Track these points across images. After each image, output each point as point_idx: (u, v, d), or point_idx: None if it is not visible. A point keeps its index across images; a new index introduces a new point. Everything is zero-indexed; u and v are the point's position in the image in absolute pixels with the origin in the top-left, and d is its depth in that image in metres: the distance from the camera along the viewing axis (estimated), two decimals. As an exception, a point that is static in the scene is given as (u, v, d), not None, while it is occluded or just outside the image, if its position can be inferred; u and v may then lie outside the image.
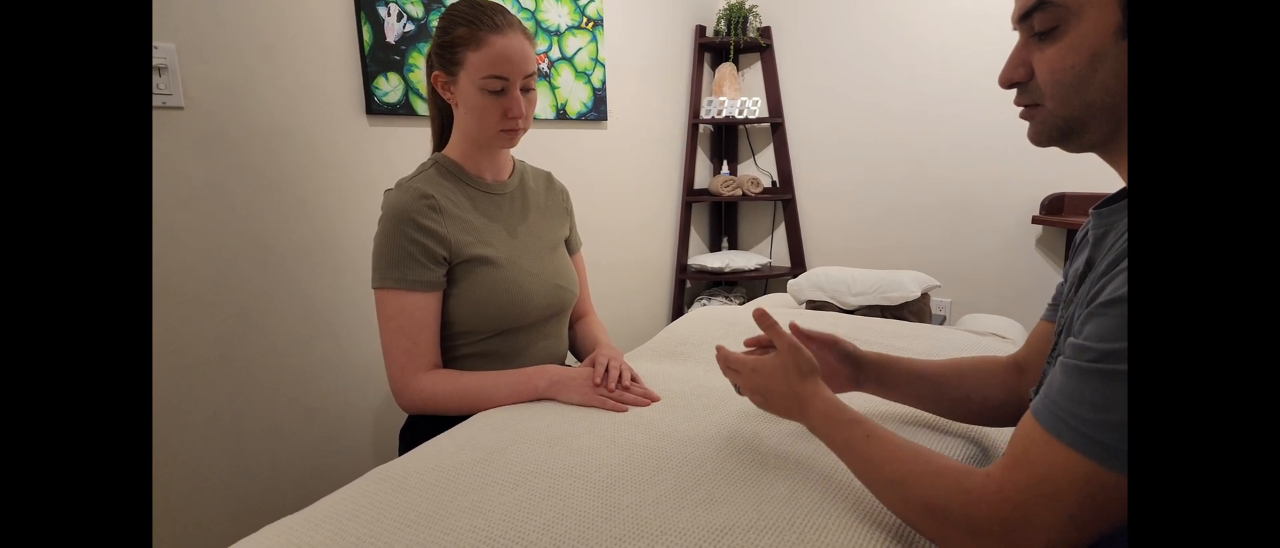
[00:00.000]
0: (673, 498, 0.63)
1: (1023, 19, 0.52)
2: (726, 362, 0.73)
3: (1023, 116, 0.56)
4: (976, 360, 0.76)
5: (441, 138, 1.04)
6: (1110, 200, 0.55)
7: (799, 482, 0.65)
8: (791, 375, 0.66)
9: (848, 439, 0.60)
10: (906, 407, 0.80)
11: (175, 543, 1.13)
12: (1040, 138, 0.54)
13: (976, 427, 0.78)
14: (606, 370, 0.90)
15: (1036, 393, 0.62)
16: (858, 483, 0.62)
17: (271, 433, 1.26)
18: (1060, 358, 0.48)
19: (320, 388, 1.33)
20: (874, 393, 0.77)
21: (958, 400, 0.74)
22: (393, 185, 0.96)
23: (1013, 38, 0.56)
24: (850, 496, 0.62)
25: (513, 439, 0.77)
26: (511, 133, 0.96)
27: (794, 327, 0.73)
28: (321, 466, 1.34)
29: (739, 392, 0.74)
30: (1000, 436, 0.79)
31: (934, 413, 0.76)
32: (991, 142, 2.08)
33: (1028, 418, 0.49)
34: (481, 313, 0.96)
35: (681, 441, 0.75)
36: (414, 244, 0.91)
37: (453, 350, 0.98)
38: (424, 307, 0.92)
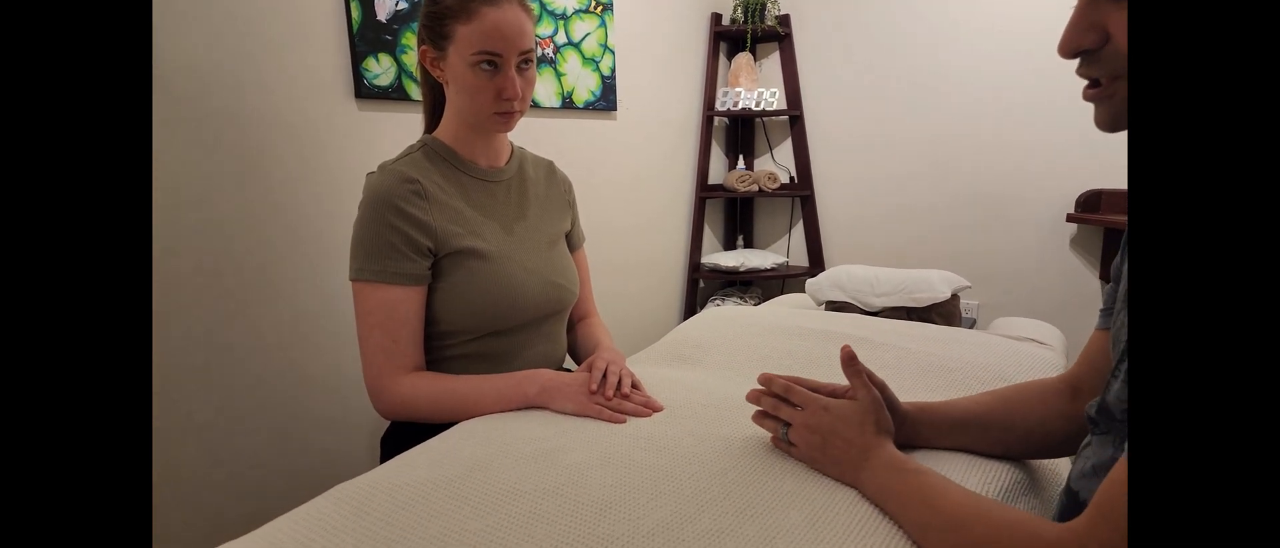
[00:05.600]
0: (671, 528, 0.54)
1: None
2: (786, 392, 0.66)
3: (1090, 97, 0.45)
4: (1024, 389, 0.67)
5: (433, 119, 0.96)
6: None
7: (818, 512, 0.56)
8: (867, 425, 0.60)
9: (910, 489, 0.53)
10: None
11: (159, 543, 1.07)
12: (1118, 122, 0.44)
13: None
14: (604, 377, 0.82)
15: (1098, 410, 0.53)
16: (888, 523, 0.54)
17: (256, 433, 1.19)
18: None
19: (306, 389, 1.26)
20: (913, 443, 0.67)
21: (1013, 440, 0.65)
22: (375, 168, 0.89)
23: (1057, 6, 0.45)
24: (878, 529, 0.53)
25: (495, 454, 0.69)
26: (506, 116, 0.87)
27: (851, 354, 0.64)
28: (311, 470, 1.27)
29: (781, 435, 0.65)
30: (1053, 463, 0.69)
31: (986, 455, 0.66)
32: (1024, 135, 1.96)
33: (1117, 466, 0.41)
34: (470, 311, 0.88)
35: (684, 458, 0.66)
36: (396, 233, 0.83)
37: (438, 351, 0.90)
38: (405, 302, 0.84)
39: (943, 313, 1.35)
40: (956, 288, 1.37)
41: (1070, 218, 1.89)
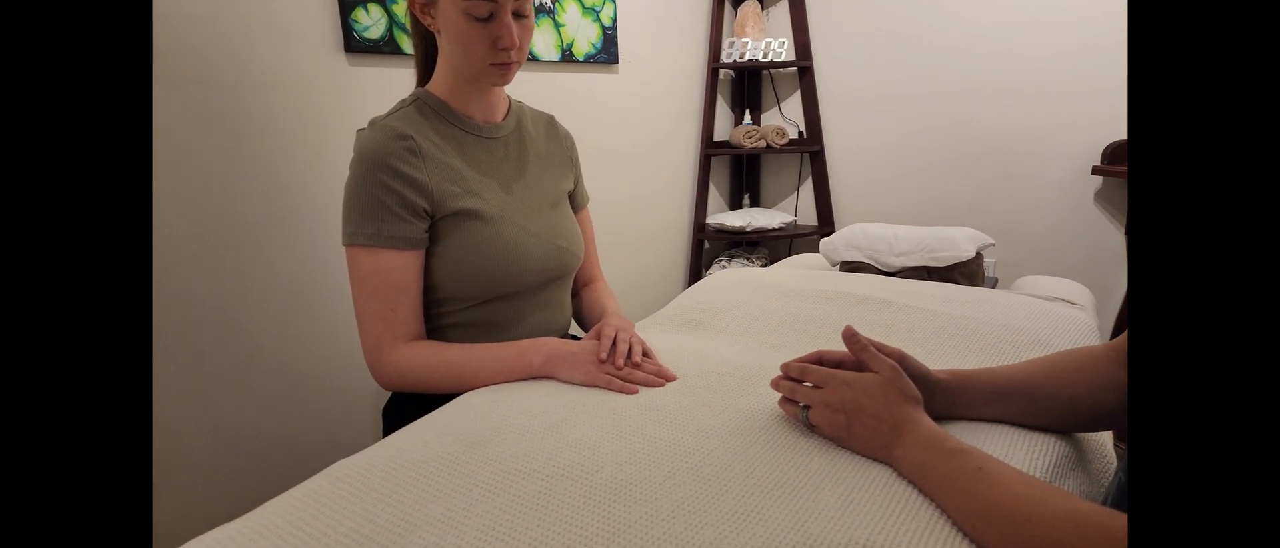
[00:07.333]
0: (692, 510, 0.50)
1: None
2: (802, 374, 0.63)
3: None
4: (1071, 356, 0.62)
5: (425, 72, 0.90)
6: None
7: (853, 491, 0.52)
8: (892, 396, 0.56)
9: (953, 471, 0.49)
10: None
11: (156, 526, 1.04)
12: None
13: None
14: (613, 345, 0.77)
15: None
16: (929, 504, 0.50)
17: (253, 406, 1.16)
18: None
19: (302, 360, 1.22)
20: (949, 414, 0.62)
21: (1058, 410, 0.60)
22: (366, 124, 0.82)
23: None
24: (920, 512, 0.49)
25: (499, 429, 0.64)
26: (503, 67, 0.81)
27: (852, 330, 0.61)
28: (313, 440, 1.25)
29: (802, 419, 0.61)
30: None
31: (1029, 427, 0.61)
32: (1047, 83, 1.87)
33: None
34: (469, 276, 0.83)
35: (702, 432, 0.62)
36: (390, 194, 0.77)
37: (437, 318, 0.86)
38: (402, 267, 0.79)
39: (966, 273, 1.29)
40: (981, 245, 1.31)
41: (1096, 170, 1.81)
